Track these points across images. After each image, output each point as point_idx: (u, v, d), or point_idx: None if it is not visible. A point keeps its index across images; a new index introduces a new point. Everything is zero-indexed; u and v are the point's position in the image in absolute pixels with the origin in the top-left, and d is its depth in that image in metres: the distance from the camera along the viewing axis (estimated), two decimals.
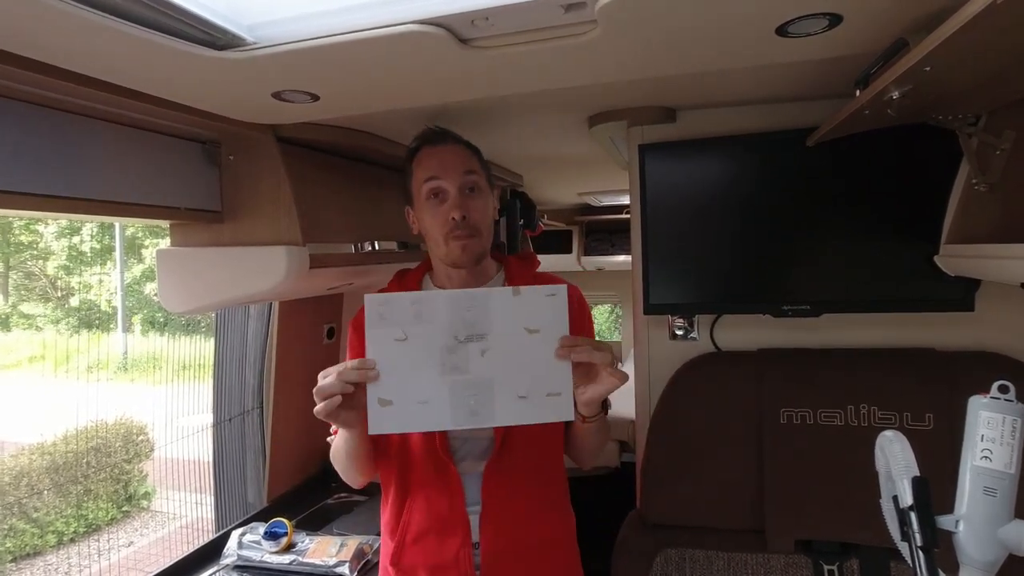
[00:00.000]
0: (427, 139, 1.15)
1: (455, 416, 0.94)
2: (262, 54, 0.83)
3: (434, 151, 1.13)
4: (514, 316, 0.96)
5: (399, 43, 0.82)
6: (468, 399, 0.94)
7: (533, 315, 0.96)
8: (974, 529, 0.66)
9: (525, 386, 0.94)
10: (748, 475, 1.35)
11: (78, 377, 5.55)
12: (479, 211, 1.11)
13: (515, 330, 0.95)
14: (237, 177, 1.35)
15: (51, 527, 4.30)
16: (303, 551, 1.53)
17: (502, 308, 0.96)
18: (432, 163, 1.11)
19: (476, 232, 1.10)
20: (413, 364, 0.95)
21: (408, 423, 0.96)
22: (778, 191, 1.37)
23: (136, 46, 0.78)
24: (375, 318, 0.96)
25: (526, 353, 0.95)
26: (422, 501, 1.12)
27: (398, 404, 0.94)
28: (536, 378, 0.94)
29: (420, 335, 0.95)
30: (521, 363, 0.95)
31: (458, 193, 1.10)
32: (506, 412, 0.94)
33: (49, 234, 8.11)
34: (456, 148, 1.14)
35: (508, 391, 0.94)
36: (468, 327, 0.95)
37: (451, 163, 1.11)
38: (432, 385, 0.94)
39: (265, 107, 1.11)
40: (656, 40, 0.86)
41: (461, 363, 0.95)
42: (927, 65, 0.74)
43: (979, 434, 0.66)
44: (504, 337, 0.95)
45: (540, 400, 0.94)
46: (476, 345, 0.95)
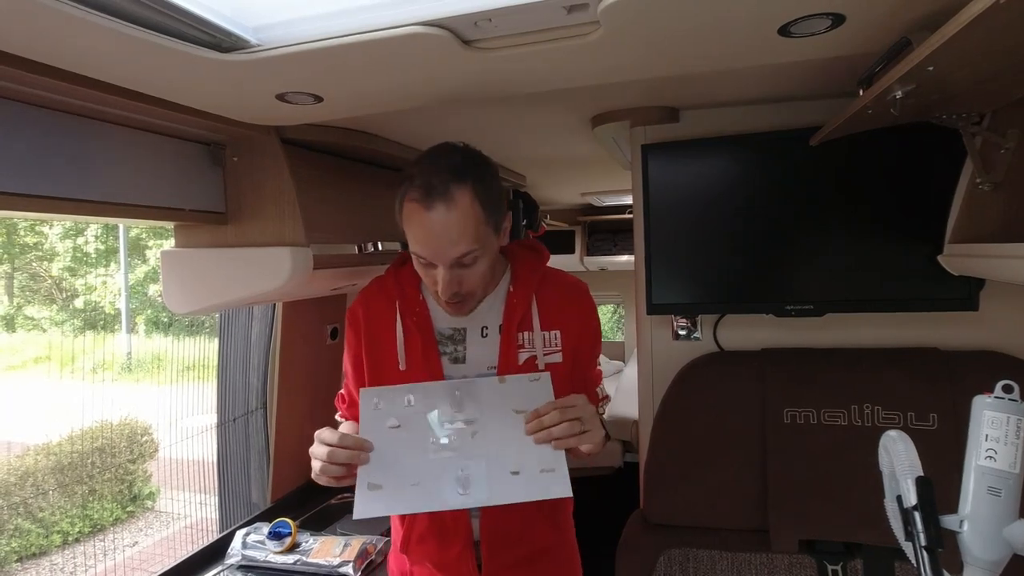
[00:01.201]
0: (417, 190, 0.95)
1: (446, 495, 0.93)
2: (266, 56, 0.83)
3: (424, 221, 0.95)
4: (502, 401, 1.00)
5: (402, 45, 0.82)
6: (459, 476, 0.94)
7: (520, 399, 1.00)
8: (978, 529, 0.66)
9: (516, 462, 0.95)
10: (751, 475, 1.35)
11: (83, 378, 5.57)
12: (474, 280, 1.02)
13: (504, 413, 0.99)
14: (241, 178, 1.36)
15: (56, 527, 4.32)
16: (307, 551, 1.53)
17: (489, 395, 1.01)
18: (419, 235, 0.97)
19: (470, 296, 1.04)
20: (406, 449, 0.97)
21: (397, 506, 0.98)
22: (781, 190, 1.37)
23: (141, 49, 0.79)
24: (369, 408, 1.01)
25: (516, 432, 0.97)
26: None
27: (388, 488, 0.94)
28: (528, 456, 0.95)
29: (413, 422, 0.99)
30: (511, 442, 0.96)
31: (449, 270, 0.98)
32: (499, 489, 0.93)
33: (54, 235, 8.14)
34: (448, 216, 0.94)
35: (500, 468, 0.94)
36: (458, 412, 1.00)
37: (442, 242, 0.96)
38: (423, 466, 0.95)
39: (269, 109, 1.11)
40: (658, 41, 0.86)
41: (452, 443, 0.97)
42: (930, 64, 0.74)
43: (983, 434, 0.66)
44: (493, 420, 0.98)
45: (533, 476, 0.93)
46: (467, 428, 0.98)
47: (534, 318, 1.11)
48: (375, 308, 1.15)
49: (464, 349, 1.11)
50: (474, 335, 1.12)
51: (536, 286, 1.12)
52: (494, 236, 1.03)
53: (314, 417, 1.98)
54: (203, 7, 0.75)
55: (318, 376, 1.99)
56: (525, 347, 1.09)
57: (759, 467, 1.34)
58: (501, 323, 1.11)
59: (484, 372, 1.10)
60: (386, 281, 1.16)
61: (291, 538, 1.54)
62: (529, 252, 1.18)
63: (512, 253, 1.17)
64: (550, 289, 1.14)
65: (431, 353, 1.09)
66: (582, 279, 1.21)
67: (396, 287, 1.13)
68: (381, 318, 1.13)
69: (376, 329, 1.14)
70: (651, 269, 1.46)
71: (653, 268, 1.46)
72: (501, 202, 1.04)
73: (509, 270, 1.15)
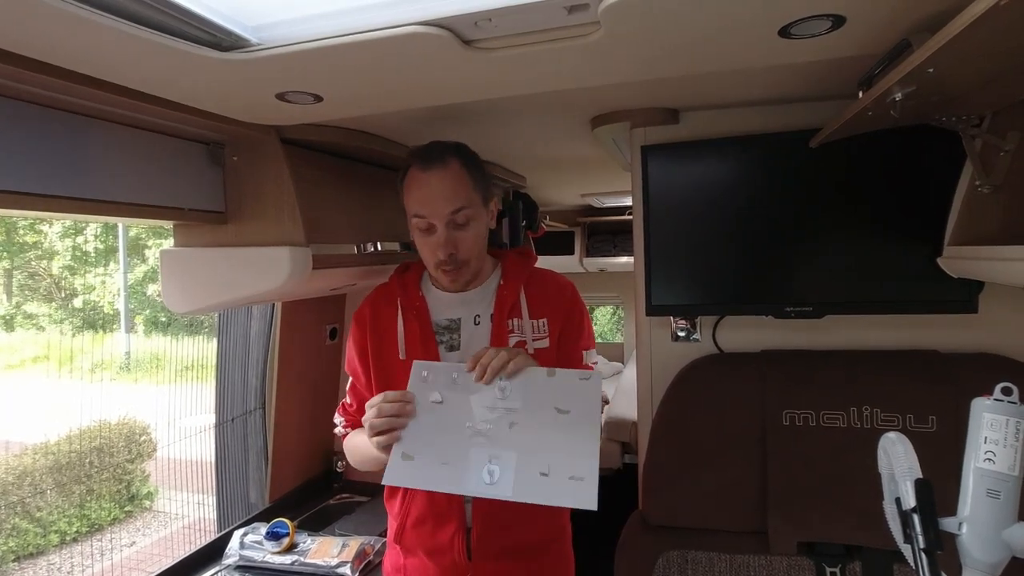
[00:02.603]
0: (415, 160, 1.14)
1: (473, 482, 0.94)
2: (266, 55, 0.83)
3: (422, 178, 1.12)
4: (546, 395, 0.99)
5: (402, 45, 0.82)
6: (488, 466, 0.95)
7: (565, 396, 0.99)
8: (977, 531, 0.65)
9: (548, 463, 0.94)
10: (750, 477, 1.35)
11: (81, 377, 5.56)
12: (468, 243, 1.14)
13: (545, 408, 0.98)
14: (241, 178, 1.36)
15: (54, 527, 4.31)
16: (305, 551, 1.53)
17: (535, 386, 1.00)
18: (419, 196, 1.12)
19: (464, 264, 1.15)
20: (443, 426, 0.98)
21: (424, 480, 0.98)
22: (781, 192, 1.37)
23: (141, 47, 0.78)
24: (418, 379, 1.03)
25: (553, 432, 0.96)
26: (422, 491, 1.16)
27: (419, 460, 0.97)
28: (560, 458, 0.94)
29: (455, 401, 1.00)
30: (547, 441, 0.96)
31: (445, 229, 1.11)
32: (524, 487, 0.93)
33: (53, 234, 8.14)
34: (444, 175, 1.12)
35: (530, 466, 0.94)
36: (501, 399, 0.99)
37: (438, 199, 1.11)
38: (456, 448, 0.97)
39: (269, 108, 1.11)
40: (659, 42, 0.86)
41: (488, 431, 0.98)
42: (930, 66, 0.74)
43: (982, 436, 0.66)
44: (534, 413, 0.98)
45: (561, 481, 0.93)
46: (506, 417, 0.98)
47: (523, 307, 1.21)
48: (380, 308, 1.26)
49: (459, 337, 1.21)
50: (468, 324, 1.22)
51: (524, 280, 1.23)
52: (483, 208, 1.18)
53: (312, 417, 1.98)
54: (203, 6, 0.75)
55: (317, 376, 1.99)
56: (515, 332, 1.20)
57: (758, 469, 1.34)
58: (492, 312, 1.21)
59: None
60: (390, 285, 1.28)
61: (289, 538, 1.54)
62: (518, 255, 1.29)
63: (503, 255, 1.28)
64: (538, 283, 1.25)
65: (429, 342, 1.19)
66: (581, 280, 1.25)
67: (399, 288, 1.25)
68: (385, 316, 1.24)
69: (381, 326, 1.24)
70: (650, 270, 1.46)
71: (652, 269, 1.46)
72: (488, 185, 1.20)
73: (500, 268, 1.25)
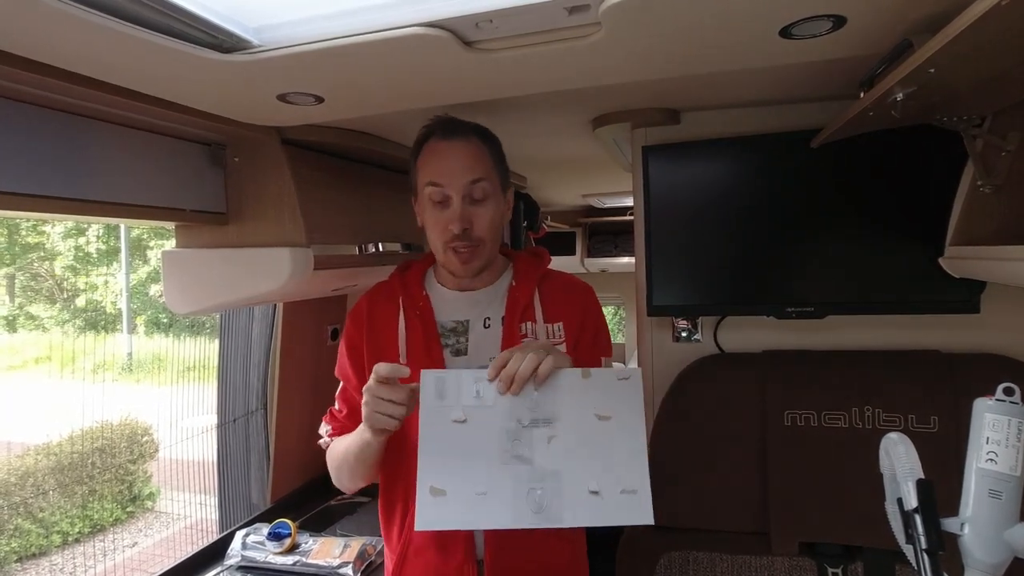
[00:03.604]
0: (435, 130, 1.06)
1: (517, 512, 0.83)
2: (267, 57, 0.83)
3: (440, 148, 1.04)
4: (583, 400, 0.87)
5: (403, 46, 0.82)
6: (533, 492, 0.84)
7: (604, 399, 0.87)
8: (979, 532, 0.65)
9: (596, 479, 0.84)
10: (752, 477, 1.35)
11: (83, 378, 5.57)
12: (484, 221, 1.04)
13: (585, 415, 0.86)
14: (242, 179, 1.36)
15: (56, 527, 4.32)
16: (307, 552, 1.53)
17: (570, 390, 0.87)
18: (436, 165, 1.04)
19: (479, 243, 1.04)
20: (472, 449, 0.85)
21: (463, 518, 0.85)
22: (782, 192, 1.37)
23: (142, 49, 0.79)
24: (431, 394, 0.87)
25: (597, 441, 0.85)
26: None
27: (453, 495, 0.84)
28: (609, 471, 0.84)
29: (481, 416, 0.86)
30: (592, 453, 0.85)
31: (461, 202, 1.02)
32: (576, 510, 0.83)
33: (56, 235, 8.16)
34: (465, 147, 1.04)
35: (578, 485, 0.84)
36: (533, 410, 0.86)
37: (456, 168, 1.02)
38: (492, 474, 0.84)
39: (270, 109, 1.11)
40: (660, 42, 0.86)
41: (525, 451, 0.85)
42: (931, 66, 0.74)
43: (984, 436, 0.66)
44: (573, 422, 0.86)
45: (614, 497, 0.84)
46: (542, 431, 0.86)
47: (537, 310, 1.10)
48: (379, 305, 1.15)
49: (466, 341, 1.09)
50: (476, 326, 1.10)
51: (537, 281, 1.13)
52: (501, 192, 1.09)
53: (314, 418, 1.97)
54: (204, 8, 0.76)
55: (318, 377, 1.99)
56: (528, 337, 1.08)
57: (760, 469, 1.34)
58: (504, 314, 1.10)
59: (486, 364, 1.04)
60: (391, 282, 1.17)
61: (291, 539, 1.54)
62: (531, 255, 1.19)
63: (514, 255, 1.19)
64: (552, 285, 1.14)
65: (433, 345, 1.07)
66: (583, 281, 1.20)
67: (400, 286, 1.14)
68: (384, 314, 1.13)
69: (379, 324, 1.13)
70: (651, 271, 1.46)
71: (653, 270, 1.46)
72: (506, 172, 1.13)
73: (511, 268, 1.16)
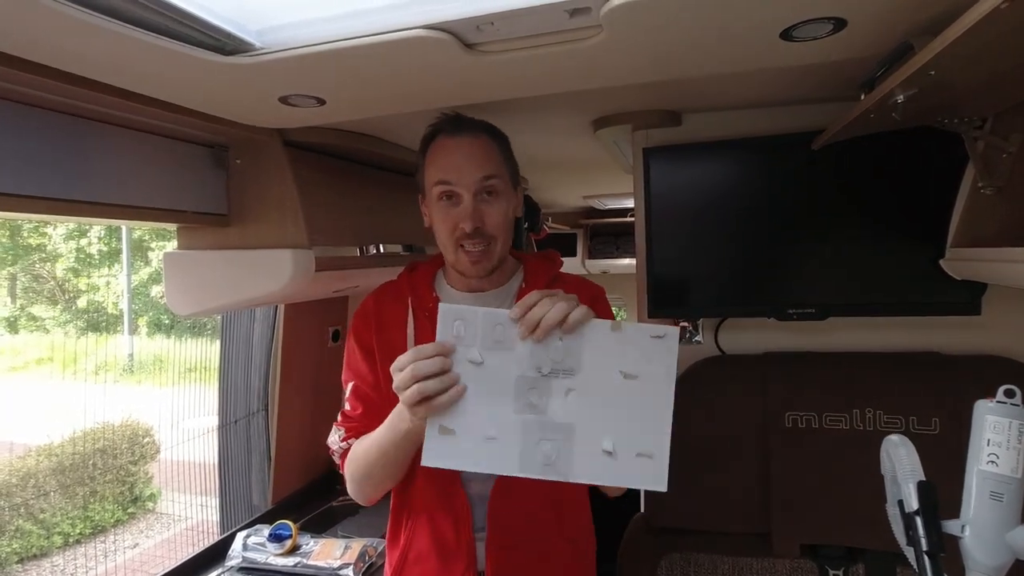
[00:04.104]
0: (443, 127, 1.03)
1: (524, 461, 0.81)
2: (269, 59, 0.83)
3: (449, 145, 1.01)
4: (611, 355, 0.82)
5: (405, 48, 0.82)
6: (543, 444, 0.81)
7: (633, 357, 0.82)
8: (980, 534, 0.65)
9: (612, 439, 0.81)
10: (753, 479, 1.35)
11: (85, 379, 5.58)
12: (495, 218, 1.00)
13: (609, 371, 0.81)
14: (244, 181, 1.36)
15: (57, 528, 4.32)
16: (308, 553, 1.53)
17: (597, 343, 0.82)
18: (445, 162, 1.00)
19: (490, 241, 1.00)
20: (485, 393, 0.82)
21: (468, 460, 0.82)
22: (783, 194, 1.37)
23: (143, 52, 0.79)
24: (448, 333, 0.82)
25: (618, 400, 0.81)
26: (425, 521, 1.02)
27: (461, 435, 0.81)
28: (626, 432, 0.81)
29: (498, 360, 0.82)
30: (611, 411, 0.81)
31: (472, 199, 0.99)
32: (586, 467, 0.80)
33: (57, 236, 8.17)
34: (475, 143, 1.01)
35: (591, 442, 0.81)
36: (555, 359, 0.81)
37: (466, 165, 0.99)
38: (503, 420, 0.81)
39: (272, 111, 1.11)
40: (661, 45, 0.86)
41: (540, 401, 0.81)
42: (932, 68, 0.74)
43: (985, 438, 0.66)
44: (595, 378, 0.81)
45: (628, 459, 0.81)
46: (561, 382, 0.81)
47: None
48: (387, 306, 1.11)
49: None
50: None
51: (548, 283, 1.09)
52: (511, 188, 1.06)
53: (315, 419, 1.98)
54: (206, 10, 0.76)
55: (320, 378, 1.99)
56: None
57: (761, 471, 1.34)
58: None
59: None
60: (399, 283, 1.14)
61: (292, 540, 1.54)
62: (542, 257, 1.16)
63: (524, 258, 1.16)
64: (562, 287, 1.09)
65: None
66: None
67: (409, 287, 1.11)
68: (393, 314, 1.09)
69: (388, 324, 1.09)
70: (652, 272, 1.46)
71: (654, 271, 1.46)
72: (516, 169, 1.10)
73: (522, 270, 1.13)
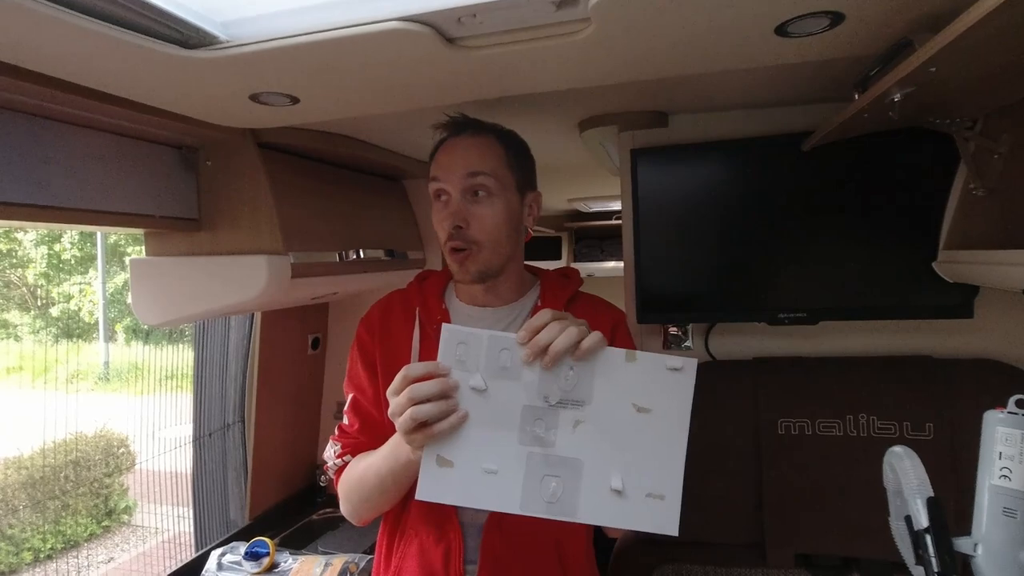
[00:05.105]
0: (449, 128, 1.01)
1: (527, 498, 0.75)
2: (236, 53, 0.78)
3: (448, 145, 0.99)
4: (624, 386, 0.76)
5: (382, 42, 0.78)
6: (547, 480, 0.75)
7: (647, 389, 0.76)
8: (993, 552, 0.62)
9: (621, 477, 0.76)
10: (746, 487, 1.32)
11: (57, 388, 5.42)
12: (483, 221, 0.95)
13: (622, 404, 0.76)
14: (215, 184, 1.30)
15: (27, 544, 4.17)
16: (286, 572, 1.47)
17: (609, 373, 0.77)
18: (441, 160, 0.98)
19: (475, 245, 0.95)
20: (488, 422, 0.76)
21: (467, 495, 0.77)
22: (773, 196, 1.34)
23: (102, 44, 0.73)
24: (450, 357, 0.77)
25: (630, 435, 0.76)
26: (416, 547, 0.96)
27: (460, 468, 0.76)
28: (637, 470, 0.76)
29: (503, 388, 0.77)
30: (622, 447, 0.76)
31: (460, 198, 0.95)
32: (593, 507, 0.75)
33: (28, 242, 7.96)
34: (471, 142, 0.97)
35: (599, 479, 0.76)
36: (564, 389, 0.76)
37: (456, 162, 0.96)
38: (506, 452, 0.76)
39: (242, 110, 1.06)
40: (652, 39, 0.82)
41: (547, 433, 0.76)
42: (933, 66, 0.71)
43: (996, 451, 0.63)
44: (606, 410, 0.76)
45: (638, 500, 0.75)
46: (569, 413, 0.76)
47: None
48: (393, 316, 1.05)
49: None
50: None
51: (564, 303, 1.03)
52: (513, 192, 0.99)
53: (295, 430, 1.91)
54: (168, 0, 0.70)
55: (299, 388, 1.93)
56: None
57: (753, 480, 1.31)
58: None
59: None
60: (408, 292, 1.09)
61: (269, 558, 1.48)
62: (560, 275, 1.10)
63: (542, 273, 1.10)
64: (582, 308, 1.04)
65: None
66: None
67: (418, 296, 1.05)
68: (398, 325, 1.04)
69: (392, 335, 1.03)
70: (641, 276, 1.43)
71: (643, 275, 1.43)
72: (528, 174, 1.04)
73: (538, 287, 1.07)
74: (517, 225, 1.01)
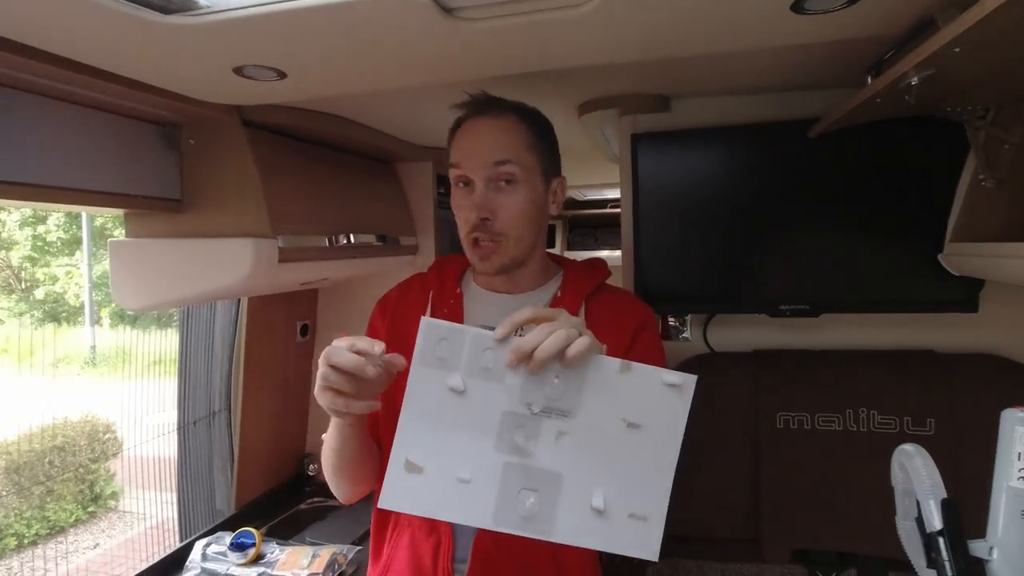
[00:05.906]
0: (467, 108, 0.96)
1: (500, 512, 0.69)
2: (216, 20, 0.73)
3: (468, 127, 0.94)
4: (614, 398, 0.70)
5: (375, 10, 0.73)
6: (525, 493, 0.70)
7: (640, 404, 0.71)
8: (1010, 557, 0.60)
9: (603, 495, 0.70)
10: (743, 482, 1.30)
11: (42, 372, 5.34)
12: (509, 212, 0.91)
13: (610, 417, 0.71)
14: (199, 163, 1.24)
15: (10, 530, 4.13)
16: (272, 563, 1.44)
17: (600, 383, 0.70)
18: (462, 144, 0.94)
19: (501, 237, 0.91)
20: (465, 427, 0.70)
21: (434, 505, 0.70)
22: (777, 185, 1.31)
23: (69, 7, 0.68)
24: (429, 353, 0.70)
25: (616, 451, 0.70)
26: (407, 539, 0.93)
27: (430, 474, 0.70)
28: (620, 489, 0.70)
29: (483, 391, 0.70)
30: (606, 463, 0.70)
31: (484, 186, 0.90)
32: (570, 525, 0.69)
33: (12, 223, 7.81)
34: (494, 124, 0.93)
35: (579, 496, 0.70)
36: (549, 396, 0.70)
37: (479, 148, 0.91)
38: (481, 460, 0.70)
39: (226, 84, 1.00)
40: (659, 13, 0.78)
41: (526, 442, 0.70)
42: (957, 46, 0.68)
43: (1015, 452, 0.60)
44: (593, 422, 0.70)
45: (618, 520, 0.70)
46: (552, 423, 0.70)
47: None
48: (410, 297, 1.04)
49: None
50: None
51: (587, 295, 0.98)
52: (539, 179, 0.95)
53: (282, 418, 1.87)
54: None
55: (287, 376, 1.89)
56: None
57: (751, 474, 1.29)
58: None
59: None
60: (427, 274, 1.06)
61: (255, 549, 1.45)
62: (586, 265, 1.06)
63: (566, 263, 1.06)
64: (606, 301, 0.99)
65: None
66: None
67: (436, 279, 1.02)
68: (412, 306, 1.01)
69: (403, 316, 1.00)
70: (639, 265, 1.40)
71: (641, 264, 1.39)
72: (553, 157, 1.00)
73: (560, 276, 1.03)
74: (542, 213, 0.97)
